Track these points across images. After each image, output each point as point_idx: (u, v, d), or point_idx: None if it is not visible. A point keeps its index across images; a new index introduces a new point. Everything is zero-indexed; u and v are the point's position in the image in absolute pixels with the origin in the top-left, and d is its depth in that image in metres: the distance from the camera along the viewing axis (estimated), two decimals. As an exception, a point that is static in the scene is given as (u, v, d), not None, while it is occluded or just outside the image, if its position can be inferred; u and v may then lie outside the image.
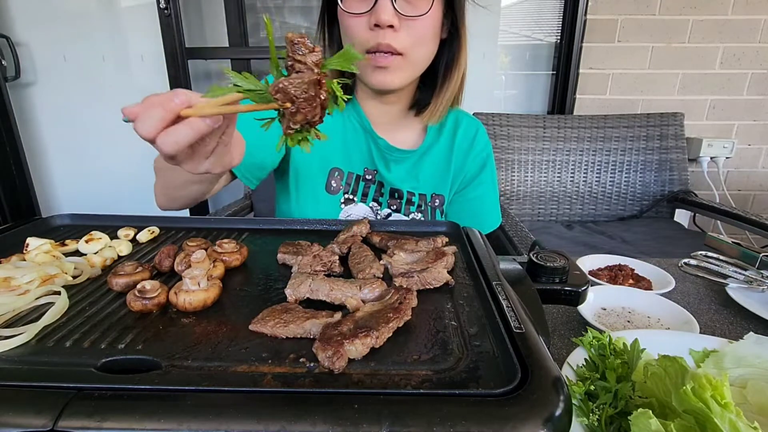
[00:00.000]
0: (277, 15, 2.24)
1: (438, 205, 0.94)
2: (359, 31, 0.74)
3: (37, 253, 0.52)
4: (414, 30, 0.74)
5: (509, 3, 2.22)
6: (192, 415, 0.27)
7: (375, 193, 0.92)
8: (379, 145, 0.90)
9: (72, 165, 2.40)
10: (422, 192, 0.93)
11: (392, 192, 0.92)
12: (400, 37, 0.73)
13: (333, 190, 0.90)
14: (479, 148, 0.96)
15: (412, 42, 0.74)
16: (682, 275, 0.86)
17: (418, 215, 0.93)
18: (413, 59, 0.77)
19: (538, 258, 0.54)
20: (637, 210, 2.02)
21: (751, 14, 2.05)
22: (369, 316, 0.38)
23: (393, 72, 0.77)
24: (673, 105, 2.15)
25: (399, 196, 0.92)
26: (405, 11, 0.72)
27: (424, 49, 0.78)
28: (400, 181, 0.91)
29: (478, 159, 0.96)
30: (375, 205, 0.92)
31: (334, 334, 0.35)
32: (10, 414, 0.27)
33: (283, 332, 0.37)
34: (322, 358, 0.33)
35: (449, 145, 0.94)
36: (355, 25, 0.74)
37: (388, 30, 0.72)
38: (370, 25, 0.73)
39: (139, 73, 2.23)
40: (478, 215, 0.97)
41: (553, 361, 0.33)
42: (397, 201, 0.92)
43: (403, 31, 0.73)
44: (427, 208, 0.93)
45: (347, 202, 0.90)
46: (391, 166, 0.91)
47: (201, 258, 0.46)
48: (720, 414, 0.35)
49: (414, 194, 0.92)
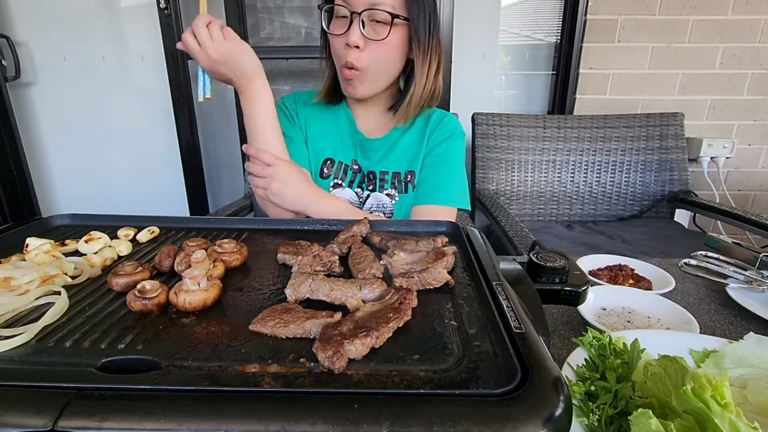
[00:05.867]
0: (277, 15, 2.24)
1: (410, 180, 1.06)
2: (338, 47, 0.92)
3: (37, 253, 0.52)
4: (374, 51, 0.91)
5: (509, 3, 2.22)
6: (192, 415, 0.27)
7: (360, 180, 1.08)
8: (359, 138, 1.07)
9: (72, 165, 2.40)
10: (395, 171, 1.06)
11: (369, 174, 1.08)
12: (363, 56, 0.91)
13: (324, 176, 1.07)
14: (448, 126, 1.07)
15: (371, 60, 0.91)
16: (682, 275, 0.86)
17: (392, 191, 1.07)
18: (371, 75, 0.94)
19: (538, 258, 0.54)
20: (637, 210, 2.02)
21: (751, 14, 2.05)
22: (369, 316, 0.38)
23: (355, 85, 0.95)
24: (673, 105, 2.15)
25: (373, 176, 1.07)
26: (369, 35, 0.89)
27: (384, 66, 0.95)
28: (374, 164, 1.07)
29: (444, 133, 1.07)
30: (359, 191, 1.08)
31: (333, 334, 0.35)
32: (10, 414, 0.27)
33: (283, 332, 0.37)
34: (322, 358, 0.33)
35: (422, 131, 1.07)
36: (335, 42, 0.93)
37: (354, 50, 0.89)
38: (346, 43, 0.90)
39: (139, 73, 2.23)
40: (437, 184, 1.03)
41: (553, 361, 0.32)
42: (373, 182, 1.07)
43: (366, 51, 0.90)
44: (400, 184, 1.07)
45: (336, 186, 1.07)
46: (369, 153, 1.07)
47: (201, 258, 0.46)
48: (720, 414, 0.35)
49: (387, 173, 1.06)
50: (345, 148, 1.08)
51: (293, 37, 2.27)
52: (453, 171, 1.05)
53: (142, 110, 2.28)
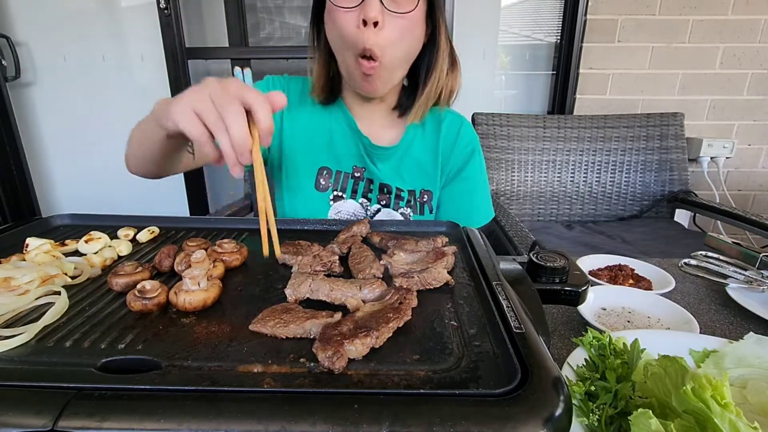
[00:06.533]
0: (277, 15, 2.24)
1: (427, 201, 0.95)
2: (347, 26, 0.73)
3: (37, 253, 0.52)
4: (395, 30, 0.74)
5: (509, 3, 2.22)
6: (192, 415, 0.27)
7: (364, 190, 0.94)
8: (364, 143, 0.92)
9: (72, 165, 2.40)
10: (410, 188, 0.94)
11: (381, 187, 0.94)
12: (382, 35, 0.73)
13: (322, 188, 0.92)
14: (464, 142, 0.96)
15: (390, 42, 0.74)
16: (682, 275, 0.86)
17: (407, 210, 0.94)
18: (390, 62, 0.77)
19: (538, 258, 0.54)
20: (637, 210, 2.02)
21: (751, 14, 2.05)
22: (369, 317, 0.38)
23: (374, 80, 0.78)
24: (673, 105, 2.15)
25: (388, 191, 0.94)
26: (390, 8, 0.72)
27: (404, 46, 0.77)
28: (387, 177, 0.93)
29: (464, 153, 0.96)
30: (365, 201, 0.94)
31: (333, 334, 0.35)
32: (10, 414, 0.27)
33: (283, 332, 0.37)
34: (322, 358, 0.33)
35: (434, 141, 0.95)
36: (344, 21, 0.73)
37: (371, 29, 0.72)
38: (357, 22, 0.72)
39: (139, 73, 2.22)
40: (467, 210, 0.97)
41: (553, 361, 0.32)
42: (387, 196, 0.94)
43: (387, 28, 0.73)
44: (416, 203, 0.94)
45: (336, 198, 0.92)
46: (377, 163, 0.93)
47: (201, 258, 0.46)
48: (720, 414, 0.35)
49: (403, 190, 0.94)
50: (343, 154, 0.93)
51: (293, 37, 2.27)
52: (482, 190, 0.99)
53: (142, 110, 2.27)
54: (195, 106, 0.48)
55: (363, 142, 0.92)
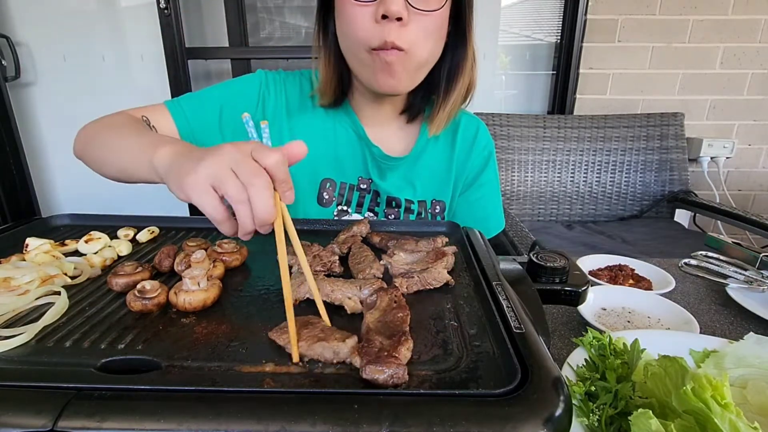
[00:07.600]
0: (277, 15, 2.24)
1: (439, 212, 0.90)
2: (363, 22, 0.66)
3: (37, 253, 0.52)
4: (422, 26, 0.67)
5: (509, 3, 2.22)
6: (192, 415, 0.27)
7: (371, 203, 0.87)
8: (373, 153, 0.85)
9: (72, 165, 2.38)
10: (421, 198, 0.89)
11: (389, 201, 0.87)
12: (406, 32, 0.65)
13: (325, 202, 0.85)
14: (481, 146, 0.91)
15: (418, 38, 0.67)
16: (682, 275, 0.86)
17: None
18: (415, 55, 0.69)
19: (538, 258, 0.54)
20: (637, 210, 2.02)
21: (751, 14, 2.05)
22: (383, 325, 0.38)
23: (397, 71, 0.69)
24: (673, 105, 2.15)
25: (397, 204, 0.87)
26: (416, 4, 0.65)
27: (430, 45, 0.70)
28: (396, 189, 0.87)
29: (480, 158, 0.92)
30: (370, 215, 0.88)
31: (375, 352, 0.33)
32: (10, 414, 0.27)
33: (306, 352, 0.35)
34: (384, 380, 0.31)
35: (449, 149, 0.90)
36: (359, 15, 0.66)
37: (395, 24, 0.64)
38: (376, 17, 0.65)
39: (139, 73, 2.22)
40: (481, 218, 0.94)
41: (553, 361, 0.32)
42: (395, 210, 0.88)
43: (411, 26, 0.66)
44: (427, 215, 0.89)
45: (341, 213, 0.86)
46: (386, 174, 0.86)
47: (201, 258, 0.46)
48: (720, 414, 0.35)
49: (413, 202, 0.88)
50: (348, 165, 0.85)
51: (293, 37, 2.27)
52: (496, 197, 0.95)
53: (142, 110, 2.28)
54: (215, 182, 0.40)
55: (372, 151, 0.84)
